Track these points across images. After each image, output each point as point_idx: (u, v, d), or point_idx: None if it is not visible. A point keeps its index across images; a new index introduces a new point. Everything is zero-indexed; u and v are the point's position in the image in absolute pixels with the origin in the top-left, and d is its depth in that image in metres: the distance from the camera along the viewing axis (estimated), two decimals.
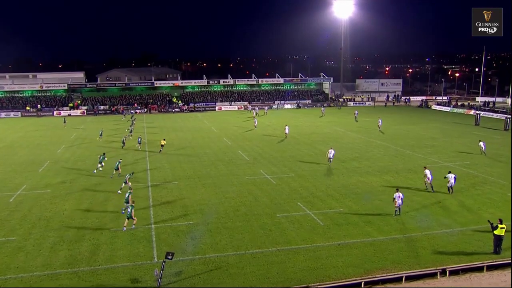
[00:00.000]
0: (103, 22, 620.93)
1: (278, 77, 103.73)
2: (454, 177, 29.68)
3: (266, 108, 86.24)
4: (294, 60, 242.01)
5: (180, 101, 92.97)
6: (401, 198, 25.33)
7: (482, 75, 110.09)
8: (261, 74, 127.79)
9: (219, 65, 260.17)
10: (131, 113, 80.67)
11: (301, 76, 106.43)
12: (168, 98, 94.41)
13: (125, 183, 30.08)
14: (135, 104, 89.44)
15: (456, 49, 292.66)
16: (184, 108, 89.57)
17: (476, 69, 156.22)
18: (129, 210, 23.46)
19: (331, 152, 39.09)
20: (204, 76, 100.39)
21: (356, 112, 73.00)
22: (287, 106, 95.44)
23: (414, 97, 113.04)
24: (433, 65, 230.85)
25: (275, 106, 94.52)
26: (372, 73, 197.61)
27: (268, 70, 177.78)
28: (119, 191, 30.00)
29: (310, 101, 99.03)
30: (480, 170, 36.57)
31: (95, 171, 35.98)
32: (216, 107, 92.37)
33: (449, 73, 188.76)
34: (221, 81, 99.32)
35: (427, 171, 30.39)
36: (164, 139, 46.87)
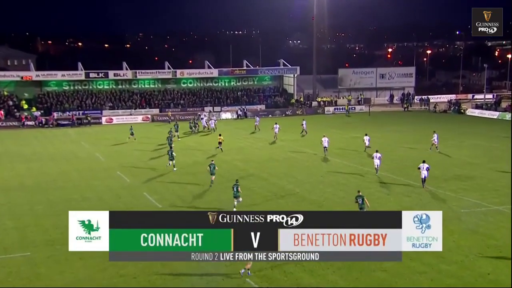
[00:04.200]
0: None
1: (209, 67, 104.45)
2: (427, 168, 43.03)
3: (214, 119, 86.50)
4: (236, 39, 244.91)
5: (34, 108, 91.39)
6: None
7: None
8: (181, 62, 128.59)
9: (106, 45, 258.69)
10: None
11: (247, 65, 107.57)
12: (12, 103, 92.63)
13: (236, 197, 38.83)
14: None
15: (507, 12, 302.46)
16: (41, 120, 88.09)
17: None
18: None
19: (326, 141, 57.27)
20: (80, 65, 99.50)
21: (304, 122, 75.56)
22: (226, 116, 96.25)
23: (436, 96, 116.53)
24: (467, 41, 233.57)
25: (206, 115, 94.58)
26: (366, 57, 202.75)
27: (193, 56, 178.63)
28: (234, 209, 37.07)
29: (263, 106, 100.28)
30: None
31: (211, 185, 45.85)
32: (103, 118, 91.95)
33: (497, 54, 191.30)
34: (111, 73, 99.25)
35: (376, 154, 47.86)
36: (220, 135, 62.34)
